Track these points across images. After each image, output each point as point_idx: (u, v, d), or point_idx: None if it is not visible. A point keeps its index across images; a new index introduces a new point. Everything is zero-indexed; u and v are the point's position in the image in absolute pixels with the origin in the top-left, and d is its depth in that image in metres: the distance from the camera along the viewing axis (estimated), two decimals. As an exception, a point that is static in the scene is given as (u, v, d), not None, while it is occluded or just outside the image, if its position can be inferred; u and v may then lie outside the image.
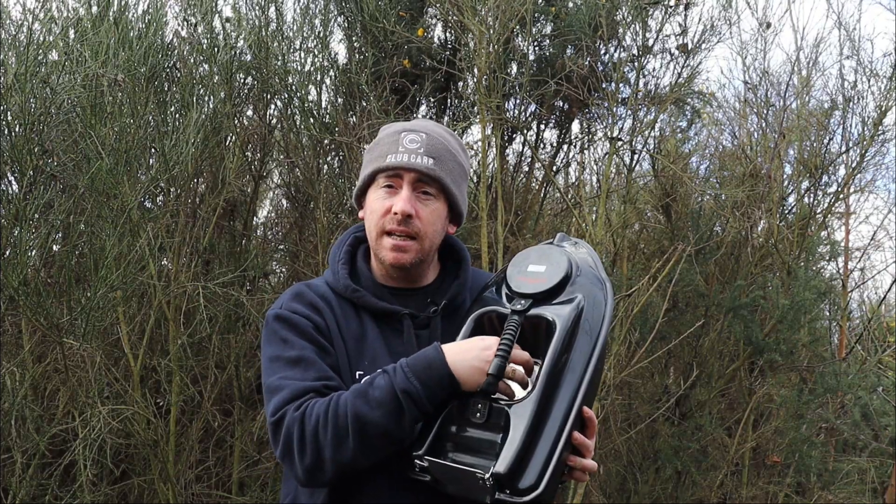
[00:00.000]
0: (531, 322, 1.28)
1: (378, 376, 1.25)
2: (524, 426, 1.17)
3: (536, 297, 1.30)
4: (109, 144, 2.91)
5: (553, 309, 1.27)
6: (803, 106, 4.55)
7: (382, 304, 1.38)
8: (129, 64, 3.02)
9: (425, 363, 1.23)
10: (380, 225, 1.36)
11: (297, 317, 1.35)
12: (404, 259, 1.36)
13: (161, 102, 3.26)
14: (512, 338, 1.25)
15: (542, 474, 1.15)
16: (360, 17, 3.80)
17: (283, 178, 4.17)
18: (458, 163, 1.40)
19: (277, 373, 1.30)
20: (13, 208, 2.82)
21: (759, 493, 4.49)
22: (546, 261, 1.33)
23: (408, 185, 1.34)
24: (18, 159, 2.78)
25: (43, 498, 3.18)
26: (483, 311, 1.34)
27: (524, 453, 1.16)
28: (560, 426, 1.19)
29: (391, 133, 1.39)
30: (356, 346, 1.35)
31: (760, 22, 4.34)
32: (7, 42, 2.88)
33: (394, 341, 1.36)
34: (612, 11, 3.89)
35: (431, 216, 1.36)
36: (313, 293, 1.40)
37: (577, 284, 1.30)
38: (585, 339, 1.25)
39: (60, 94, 2.85)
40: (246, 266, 3.62)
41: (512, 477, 1.14)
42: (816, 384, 4.39)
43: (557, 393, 1.21)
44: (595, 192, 4.54)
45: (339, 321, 1.37)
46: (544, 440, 1.18)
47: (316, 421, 1.21)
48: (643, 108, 4.03)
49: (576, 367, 1.22)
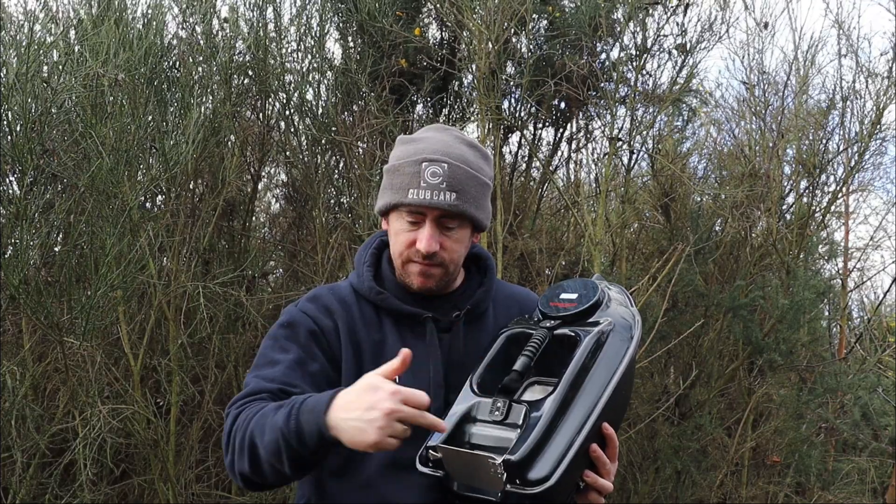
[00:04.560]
0: (559, 339, 1.30)
1: (286, 404, 1.20)
2: (543, 420, 1.17)
3: (566, 319, 1.33)
4: (109, 144, 2.92)
5: (580, 327, 1.30)
6: (801, 105, 4.56)
7: (405, 307, 1.38)
8: (129, 64, 3.04)
9: (311, 406, 1.17)
10: (405, 255, 1.37)
11: (303, 316, 1.36)
12: (430, 284, 1.37)
13: (161, 102, 3.27)
14: (539, 344, 1.26)
15: (555, 468, 1.15)
16: (357, 17, 3.81)
17: (282, 178, 4.18)
18: (481, 182, 1.39)
19: (254, 369, 1.34)
20: (13, 208, 2.83)
21: (759, 493, 4.48)
22: (579, 290, 1.38)
23: (431, 223, 1.34)
24: (19, 159, 2.79)
25: (43, 497, 3.18)
26: (514, 331, 1.36)
27: (540, 445, 1.16)
28: (578, 427, 1.19)
29: (411, 161, 1.35)
30: (374, 350, 1.35)
31: (758, 22, 4.35)
32: (8, 42, 2.89)
33: (415, 346, 1.31)
34: (611, 11, 3.91)
35: (455, 245, 1.37)
36: (333, 296, 1.40)
37: (607, 310, 1.34)
38: (611, 357, 1.26)
39: (61, 94, 2.86)
40: (245, 266, 3.62)
41: (524, 466, 1.14)
42: (816, 384, 4.39)
43: (578, 398, 1.21)
44: (594, 192, 4.55)
45: (355, 325, 1.37)
46: (561, 436, 1.18)
47: (237, 427, 1.23)
48: (642, 108, 4.04)
49: (597, 380, 1.23)
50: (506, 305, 1.47)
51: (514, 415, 1.21)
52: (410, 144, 1.39)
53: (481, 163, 1.41)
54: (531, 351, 1.26)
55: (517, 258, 4.05)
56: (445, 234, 1.36)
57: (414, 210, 1.34)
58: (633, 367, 1.31)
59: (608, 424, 1.24)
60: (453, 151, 1.36)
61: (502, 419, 1.21)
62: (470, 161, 1.38)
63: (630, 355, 1.28)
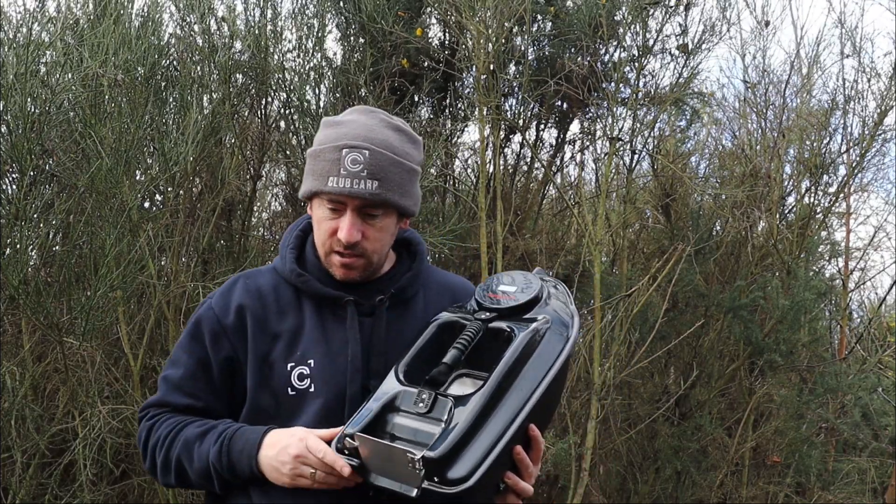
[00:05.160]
0: (493, 333, 1.26)
1: (211, 431, 1.30)
2: (467, 417, 1.13)
3: (502, 313, 1.28)
4: (109, 144, 2.92)
5: (515, 323, 1.25)
6: (803, 105, 4.55)
7: (326, 290, 1.34)
8: (127, 64, 3.03)
9: (242, 444, 1.27)
10: (327, 244, 1.33)
11: (209, 314, 1.37)
12: (353, 276, 1.34)
13: (160, 102, 3.27)
14: (471, 337, 1.23)
15: (476, 468, 1.10)
16: (358, 17, 3.80)
17: (281, 178, 4.17)
18: (407, 169, 1.33)
19: (167, 366, 1.40)
20: (13, 208, 2.82)
21: (759, 493, 4.49)
22: (517, 283, 1.33)
23: (352, 212, 1.29)
24: (18, 159, 2.79)
25: (43, 497, 3.18)
26: (448, 320, 1.31)
27: (461, 444, 1.11)
28: (504, 427, 1.15)
29: (332, 147, 1.30)
30: (291, 338, 1.33)
31: (759, 21, 4.34)
32: (7, 42, 2.89)
33: (335, 330, 1.33)
34: (612, 11, 3.89)
35: (379, 234, 1.32)
36: (248, 286, 1.38)
37: (545, 308, 1.29)
38: (544, 356, 1.21)
39: (60, 94, 2.86)
40: (245, 266, 3.62)
41: (443, 463, 1.09)
42: (816, 384, 4.39)
43: (506, 397, 1.17)
44: (594, 192, 4.54)
45: (267, 317, 1.35)
46: (484, 436, 1.14)
47: (155, 443, 1.33)
48: (643, 108, 4.03)
49: (528, 379, 1.19)
50: (438, 293, 1.42)
51: (439, 409, 1.16)
52: (333, 128, 1.34)
53: (407, 147, 1.35)
54: (463, 344, 1.22)
55: (518, 258, 4.05)
56: (368, 223, 1.31)
57: (334, 198, 1.29)
58: (566, 369, 1.27)
59: (535, 426, 1.21)
60: (376, 137, 1.31)
61: (426, 412, 1.16)
62: (394, 146, 1.32)
63: (564, 356, 1.23)
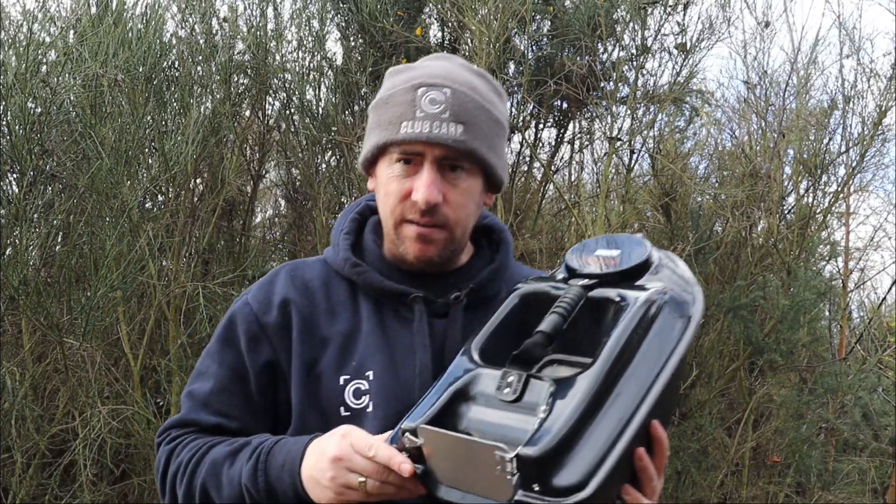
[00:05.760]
0: (593, 306, 0.96)
1: (244, 448, 1.03)
2: (575, 404, 0.83)
3: (604, 280, 1.00)
4: (109, 144, 2.92)
5: (625, 291, 0.96)
6: (803, 105, 4.55)
7: (389, 284, 1.09)
8: (128, 64, 3.03)
9: (283, 458, 0.99)
10: (398, 212, 1.06)
11: (245, 312, 1.12)
12: (430, 253, 1.07)
13: (160, 102, 3.27)
14: (573, 303, 0.95)
15: (591, 475, 0.81)
16: (358, 17, 3.81)
17: (282, 178, 4.18)
18: (494, 119, 1.08)
19: (192, 380, 1.13)
20: (13, 208, 2.83)
21: (759, 494, 4.48)
22: (621, 245, 1.04)
23: (431, 165, 1.04)
24: (18, 159, 2.79)
25: (43, 498, 3.18)
26: (530, 290, 1.03)
27: (569, 440, 0.82)
28: (624, 420, 0.86)
29: (405, 88, 1.06)
30: (344, 344, 1.08)
31: (759, 21, 4.34)
32: (7, 42, 2.89)
33: (399, 334, 1.08)
34: (611, 11, 3.90)
35: (463, 198, 1.06)
36: (293, 279, 1.14)
37: (659, 275, 1.00)
38: (665, 335, 0.93)
39: (60, 94, 2.86)
40: (245, 266, 3.62)
41: (547, 465, 0.80)
42: (816, 384, 4.39)
43: (623, 382, 0.88)
44: (594, 192, 4.55)
45: (316, 318, 1.10)
46: (600, 429, 0.84)
47: (176, 469, 1.07)
48: (642, 108, 4.03)
49: (648, 362, 0.90)
50: None
51: (534, 393, 0.87)
52: (403, 73, 1.10)
53: (493, 97, 1.11)
54: (565, 308, 0.94)
55: (518, 258, 4.05)
56: (450, 183, 1.05)
57: (408, 149, 1.04)
58: (686, 355, 0.97)
59: (658, 423, 0.91)
60: (458, 77, 1.07)
61: (515, 398, 0.87)
62: (480, 90, 1.08)
63: (689, 335, 0.95)
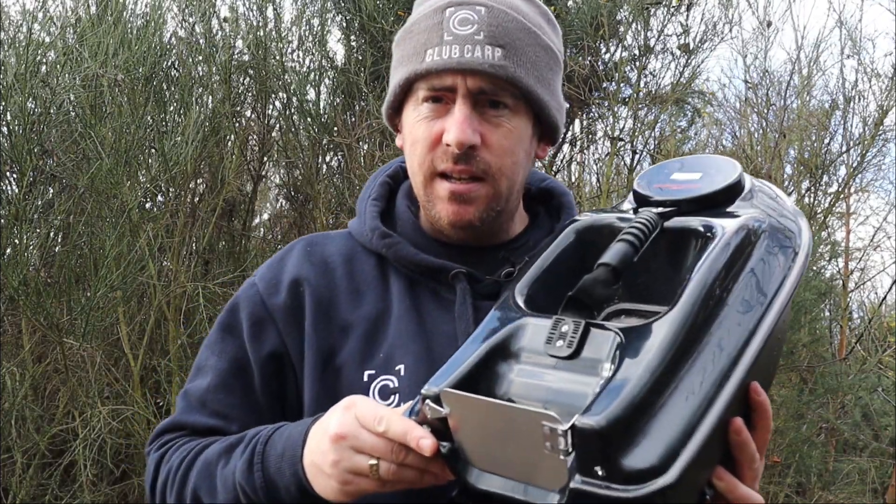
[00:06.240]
0: (669, 240, 0.75)
1: (241, 443, 0.85)
2: (652, 361, 0.61)
3: (683, 206, 0.77)
4: (109, 144, 2.92)
5: (712, 219, 0.75)
6: (804, 106, 4.55)
7: (425, 257, 0.89)
8: (128, 64, 3.03)
9: (282, 446, 0.80)
10: (427, 163, 0.86)
11: (251, 294, 0.93)
12: (468, 215, 0.86)
13: (160, 102, 3.27)
14: (647, 229, 0.73)
15: (676, 454, 0.59)
16: (358, 17, 3.80)
17: (282, 178, 4.18)
18: (544, 45, 0.88)
19: (191, 376, 0.97)
20: (13, 208, 2.82)
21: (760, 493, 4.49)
22: (703, 168, 0.82)
23: (464, 100, 0.84)
24: (18, 159, 2.78)
25: (43, 498, 3.18)
26: (590, 223, 0.81)
27: (644, 406, 0.60)
28: (718, 379, 0.63)
29: (431, 11, 0.88)
30: (369, 332, 0.89)
31: (761, 21, 4.33)
32: (7, 42, 2.88)
33: (436, 318, 0.88)
34: (614, 11, 3.89)
35: (508, 142, 0.85)
36: (312, 253, 0.95)
37: (753, 201, 0.79)
38: (768, 267, 0.71)
39: (60, 94, 2.86)
40: (245, 266, 3.62)
41: (613, 440, 0.58)
42: (817, 384, 4.39)
43: (713, 327, 0.65)
44: (596, 192, 4.54)
45: (336, 298, 0.91)
46: (685, 394, 0.61)
47: (166, 477, 0.91)
48: (644, 108, 4.02)
49: (748, 303, 0.68)
50: None
51: (595, 347, 0.65)
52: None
53: (541, 21, 0.90)
54: (634, 236, 0.72)
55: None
56: (490, 122, 0.85)
57: (436, 83, 0.85)
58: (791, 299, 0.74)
59: (758, 385, 0.68)
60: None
61: (571, 353, 0.65)
62: (523, 11, 0.88)
63: (795, 275, 0.72)
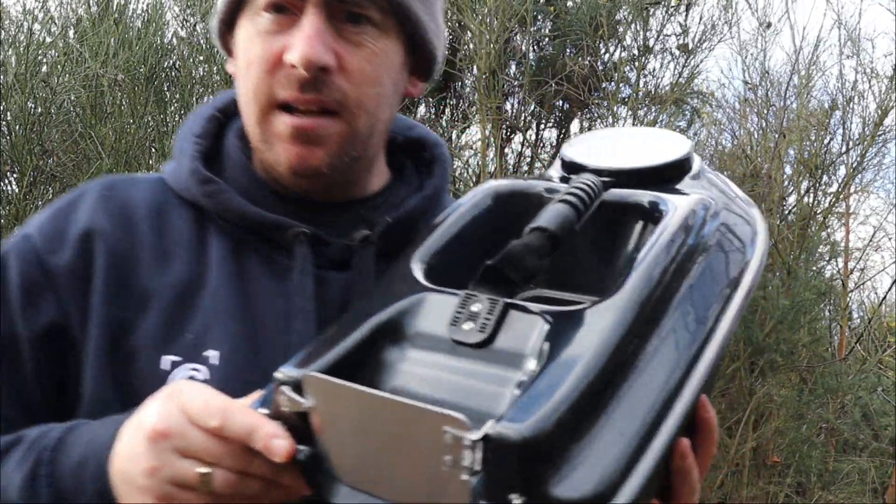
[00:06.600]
0: (606, 215, 0.61)
1: (13, 449, 0.63)
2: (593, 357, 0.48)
3: (623, 178, 0.63)
4: (109, 144, 2.92)
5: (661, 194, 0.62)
6: (803, 106, 4.56)
7: (255, 211, 0.69)
8: (128, 64, 3.03)
9: (82, 452, 0.59)
10: (264, 90, 0.67)
11: (23, 249, 0.69)
12: (314, 159, 0.67)
13: (161, 103, 3.27)
14: (590, 192, 0.60)
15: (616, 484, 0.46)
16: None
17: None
18: None
19: None
20: (13, 208, 2.82)
21: (760, 494, 4.49)
22: (649, 139, 0.69)
23: (316, 8, 0.66)
24: (18, 159, 2.79)
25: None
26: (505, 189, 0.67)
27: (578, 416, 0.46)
28: (672, 385, 0.51)
29: None
30: (175, 303, 0.68)
31: (761, 21, 4.34)
32: (7, 42, 2.88)
33: (266, 290, 0.69)
34: (613, 11, 3.90)
35: (370, 66, 0.68)
36: (105, 200, 0.72)
37: (703, 181, 0.66)
38: (725, 256, 0.59)
39: (60, 94, 2.86)
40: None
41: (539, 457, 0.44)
42: (816, 384, 4.40)
43: (665, 319, 0.53)
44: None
45: (138, 255, 0.69)
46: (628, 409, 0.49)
47: None
48: (643, 108, 4.03)
49: (705, 293, 0.56)
50: None
51: (516, 334, 0.51)
52: None
53: None
54: (578, 197, 0.58)
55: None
56: (348, 40, 0.67)
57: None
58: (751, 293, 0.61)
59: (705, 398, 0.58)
60: None
61: (483, 340, 0.51)
62: None
63: (756, 266, 0.60)
